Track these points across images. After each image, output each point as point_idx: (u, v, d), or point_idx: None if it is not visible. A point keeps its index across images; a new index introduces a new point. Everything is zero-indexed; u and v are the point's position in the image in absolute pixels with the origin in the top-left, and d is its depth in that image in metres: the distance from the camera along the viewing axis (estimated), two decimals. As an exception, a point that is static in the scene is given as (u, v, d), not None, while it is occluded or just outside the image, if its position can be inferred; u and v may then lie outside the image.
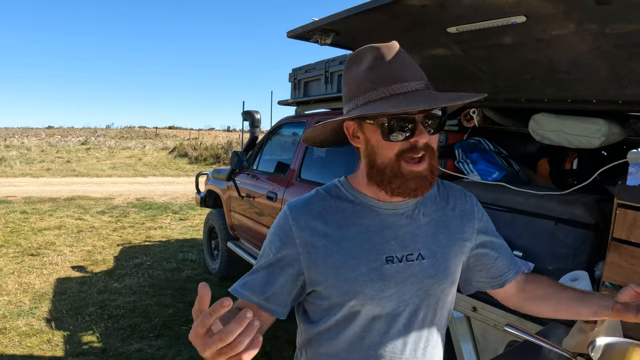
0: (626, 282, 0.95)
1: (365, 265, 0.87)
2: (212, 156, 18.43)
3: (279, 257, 0.88)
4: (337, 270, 0.86)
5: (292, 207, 0.91)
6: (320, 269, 0.87)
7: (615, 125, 1.79)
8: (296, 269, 0.88)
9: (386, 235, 0.89)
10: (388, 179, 0.83)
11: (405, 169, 0.81)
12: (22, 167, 15.66)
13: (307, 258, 0.87)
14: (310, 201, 0.92)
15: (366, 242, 0.88)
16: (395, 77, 0.81)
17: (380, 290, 0.87)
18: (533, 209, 1.89)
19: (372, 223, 0.89)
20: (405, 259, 0.89)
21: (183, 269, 5.04)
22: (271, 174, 3.87)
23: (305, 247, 0.87)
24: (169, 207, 8.80)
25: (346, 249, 0.87)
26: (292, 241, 0.87)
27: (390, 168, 0.82)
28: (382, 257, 0.88)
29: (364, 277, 0.86)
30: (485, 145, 2.44)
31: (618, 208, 1.53)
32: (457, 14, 1.41)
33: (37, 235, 6.36)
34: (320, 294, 0.90)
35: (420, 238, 0.91)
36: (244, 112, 4.53)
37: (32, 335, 3.38)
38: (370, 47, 0.85)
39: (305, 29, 1.82)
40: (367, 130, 0.85)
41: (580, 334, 1.33)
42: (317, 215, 0.89)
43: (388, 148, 0.82)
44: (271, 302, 0.88)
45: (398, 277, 0.88)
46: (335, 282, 0.87)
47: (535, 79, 1.73)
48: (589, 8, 1.21)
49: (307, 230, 0.87)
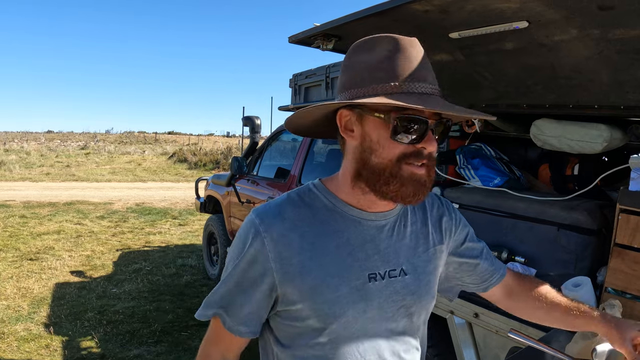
0: (626, 289, 0.95)
1: (346, 285, 0.78)
2: (212, 162, 18.44)
3: (251, 274, 0.79)
4: (316, 290, 0.77)
5: (263, 216, 0.80)
6: (296, 288, 0.77)
7: (617, 131, 1.79)
8: (269, 284, 0.78)
9: (368, 249, 0.81)
10: (385, 180, 0.75)
11: (407, 171, 0.74)
12: (21, 171, 15.65)
13: (281, 275, 0.77)
14: (283, 209, 0.81)
15: (347, 257, 0.79)
16: (416, 75, 0.73)
17: (363, 312, 0.79)
18: (535, 215, 1.88)
19: (354, 235, 0.81)
20: (387, 275, 0.82)
21: (182, 274, 5.02)
22: (271, 179, 3.87)
23: (279, 262, 0.77)
24: (169, 212, 8.79)
25: (325, 266, 0.78)
26: (264, 256, 0.77)
27: (389, 169, 0.75)
28: (365, 274, 0.80)
29: (346, 298, 0.78)
30: (487, 151, 2.44)
31: (620, 213, 1.53)
32: (460, 20, 1.42)
33: (36, 240, 6.34)
34: (293, 315, 0.80)
35: (402, 252, 0.85)
36: (244, 117, 4.53)
37: (31, 340, 3.36)
38: (389, 37, 0.76)
39: (307, 34, 1.83)
40: (369, 124, 0.76)
41: (583, 340, 1.33)
42: (292, 227, 0.78)
43: (391, 148, 0.74)
44: (248, 325, 0.81)
45: (381, 296, 0.81)
46: (312, 304, 0.77)
47: (537, 84, 1.74)
48: (591, 13, 1.21)
49: (281, 244, 0.77)
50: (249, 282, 0.79)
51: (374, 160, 0.76)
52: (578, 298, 1.59)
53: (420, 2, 1.28)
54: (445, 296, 1.05)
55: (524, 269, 1.82)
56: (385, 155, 0.75)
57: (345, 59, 0.81)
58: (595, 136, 1.79)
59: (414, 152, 0.74)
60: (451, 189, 2.29)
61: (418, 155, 0.75)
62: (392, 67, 0.74)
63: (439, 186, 2.39)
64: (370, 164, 0.76)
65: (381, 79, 0.73)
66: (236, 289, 0.80)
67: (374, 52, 0.76)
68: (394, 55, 0.74)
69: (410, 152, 0.74)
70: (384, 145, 0.75)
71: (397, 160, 0.74)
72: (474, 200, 2.16)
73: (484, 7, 1.27)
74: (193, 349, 3.30)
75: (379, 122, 0.75)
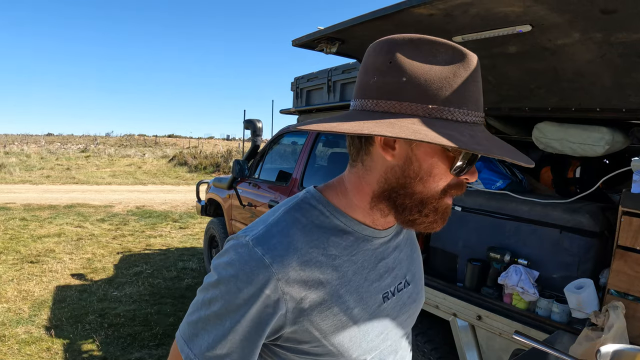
0: (629, 290, 0.93)
1: (367, 312, 0.72)
2: (212, 165, 18.45)
3: (254, 319, 0.65)
4: (338, 328, 0.69)
5: (273, 251, 0.65)
6: (313, 328, 0.68)
7: (619, 134, 1.80)
8: (275, 328, 0.68)
9: (380, 269, 0.75)
10: (426, 212, 0.67)
11: (445, 204, 0.67)
12: (21, 174, 15.64)
13: (295, 317, 0.66)
14: (292, 237, 0.67)
15: (364, 282, 0.72)
16: (477, 102, 0.63)
17: (380, 334, 0.74)
18: (537, 217, 1.89)
19: (366, 257, 0.73)
20: (396, 290, 0.78)
21: (183, 277, 5.02)
22: (273, 182, 3.87)
23: (294, 304, 0.66)
24: (169, 215, 8.78)
25: (345, 300, 0.69)
26: (276, 299, 0.65)
27: (435, 202, 0.66)
28: (379, 296, 0.74)
29: (367, 326, 0.72)
30: (488, 154, 2.45)
31: (623, 215, 1.53)
32: (464, 23, 1.43)
33: (37, 243, 6.33)
34: (303, 350, 0.70)
35: (405, 263, 0.81)
36: (246, 120, 4.54)
37: (32, 343, 3.36)
38: (453, 47, 0.62)
39: (311, 37, 1.84)
40: (421, 149, 0.64)
41: (587, 342, 1.33)
42: (306, 259, 0.66)
43: (442, 179, 0.65)
44: None
45: (393, 313, 0.77)
46: (332, 340, 0.69)
47: (539, 87, 1.75)
48: (594, 17, 1.22)
49: (298, 284, 0.65)
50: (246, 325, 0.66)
51: (418, 189, 0.65)
52: (581, 300, 1.60)
53: (424, 5, 1.29)
54: None
55: (527, 272, 1.82)
56: (434, 187, 0.65)
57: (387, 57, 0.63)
58: (597, 139, 1.80)
59: (458, 184, 0.67)
60: (453, 192, 2.30)
61: (460, 187, 0.67)
62: (464, 90, 0.61)
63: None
64: (413, 192, 0.66)
65: (451, 102, 0.60)
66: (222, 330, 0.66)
67: (439, 62, 0.61)
68: (465, 75, 0.61)
69: (454, 183, 0.66)
70: (436, 175, 0.65)
71: (442, 192, 0.66)
72: (476, 203, 2.16)
73: (488, 10, 1.28)
74: (194, 351, 3.30)
75: (439, 151, 0.64)
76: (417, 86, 0.60)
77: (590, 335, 1.33)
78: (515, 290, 1.82)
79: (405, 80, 0.60)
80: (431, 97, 0.60)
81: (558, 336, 1.60)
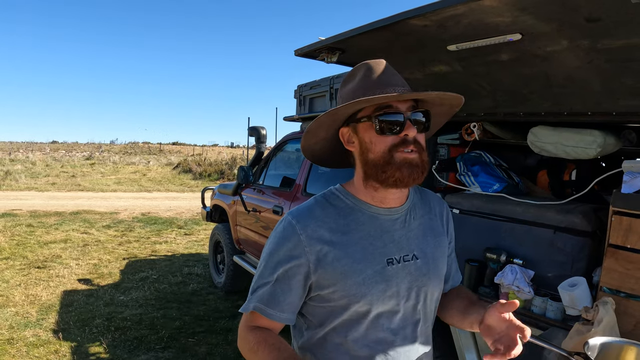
0: (620, 287, 0.98)
1: (370, 269, 0.93)
2: (216, 172, 18.56)
3: (290, 267, 0.93)
4: (345, 275, 0.92)
5: (298, 216, 0.96)
6: (328, 274, 0.92)
7: (611, 136, 1.86)
8: (304, 274, 0.93)
9: (385, 239, 0.96)
10: (382, 168, 0.90)
11: (398, 157, 0.89)
12: (27, 181, 15.80)
13: (316, 265, 0.92)
14: (313, 209, 0.97)
15: (369, 246, 0.95)
16: (384, 82, 0.92)
17: (384, 291, 0.94)
18: (532, 218, 1.95)
19: (373, 228, 0.96)
20: (402, 260, 0.97)
21: (189, 282, 5.08)
22: (277, 188, 3.94)
23: (314, 254, 0.92)
24: (174, 222, 8.86)
25: (352, 255, 0.93)
26: (301, 250, 0.92)
27: (383, 159, 0.90)
28: (384, 259, 0.95)
29: (370, 279, 0.92)
30: (486, 158, 2.51)
31: (613, 215, 1.59)
32: (457, 33, 1.50)
33: (43, 248, 6.42)
34: (324, 297, 0.95)
35: (413, 240, 1.00)
36: (250, 127, 4.62)
37: (40, 345, 3.42)
38: (362, 64, 0.97)
39: (312, 47, 1.91)
40: (361, 130, 0.93)
41: (578, 336, 1.39)
42: (322, 224, 0.94)
43: (381, 142, 0.91)
44: (286, 312, 0.95)
45: (398, 277, 0.95)
46: (343, 286, 0.92)
47: (532, 93, 1.81)
48: (579, 25, 1.29)
49: (314, 239, 0.92)
50: (289, 274, 0.93)
51: (371, 157, 0.92)
52: (574, 297, 1.65)
53: (418, 17, 1.36)
54: None
55: (523, 271, 1.88)
56: (378, 150, 0.91)
57: (338, 91, 1.01)
58: (589, 142, 1.85)
59: (401, 141, 0.90)
60: (452, 195, 2.36)
61: (405, 143, 0.90)
62: (367, 84, 0.93)
63: (440, 193, 2.46)
64: (369, 160, 0.93)
65: (360, 95, 0.91)
66: (277, 282, 0.94)
67: (354, 78, 0.96)
68: (367, 75, 0.94)
69: (397, 142, 0.90)
70: (375, 142, 0.92)
71: (388, 151, 0.90)
72: (474, 205, 2.22)
73: (479, 21, 1.35)
74: (200, 355, 3.35)
75: (367, 125, 0.92)
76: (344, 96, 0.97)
77: (581, 329, 1.38)
78: (511, 289, 1.87)
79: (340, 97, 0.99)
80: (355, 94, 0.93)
81: (552, 333, 1.65)
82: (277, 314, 0.94)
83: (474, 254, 2.13)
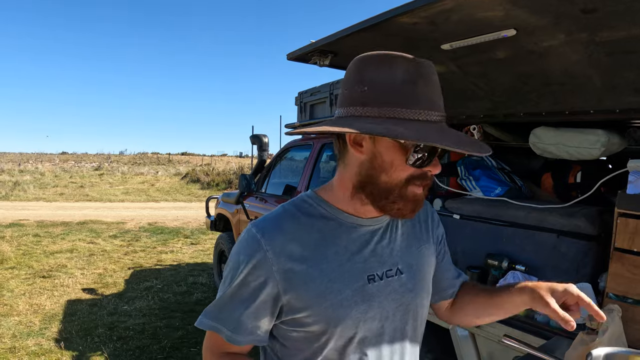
0: (627, 294, 0.92)
1: (348, 288, 0.81)
2: (224, 181, 18.59)
3: (255, 287, 0.80)
4: (320, 296, 0.80)
5: (264, 228, 0.82)
6: (301, 296, 0.80)
7: (615, 135, 1.79)
8: (273, 295, 0.80)
9: (365, 253, 0.85)
10: (393, 199, 0.78)
11: (411, 191, 0.78)
12: (35, 191, 15.94)
13: (285, 285, 0.79)
14: (281, 221, 0.83)
15: (347, 262, 0.82)
16: (431, 102, 0.74)
17: (365, 312, 0.82)
18: (535, 223, 1.88)
19: (351, 241, 0.84)
20: (385, 276, 0.85)
21: (193, 292, 5.04)
22: (279, 196, 3.90)
23: (283, 274, 0.79)
24: (181, 231, 8.85)
25: (327, 273, 0.80)
26: (268, 269, 0.79)
27: (398, 190, 0.78)
28: (364, 276, 0.83)
29: (349, 300, 0.81)
30: (488, 162, 2.44)
31: (619, 217, 1.52)
32: (448, 31, 1.45)
33: (49, 258, 6.43)
34: (300, 322, 0.82)
35: (396, 252, 0.89)
36: (252, 136, 4.60)
37: (41, 354, 3.40)
38: (408, 58, 0.76)
39: (304, 50, 1.87)
40: (382, 144, 0.77)
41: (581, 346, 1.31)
42: (291, 238, 0.81)
43: (402, 170, 0.77)
44: (247, 335, 0.83)
45: (380, 296, 0.84)
46: (318, 310, 0.80)
47: (531, 92, 1.76)
48: (576, 17, 1.23)
49: (283, 256, 0.79)
50: (249, 293, 0.80)
51: (383, 179, 0.78)
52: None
53: (407, 14, 1.31)
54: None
55: (525, 278, 1.80)
56: (396, 177, 0.77)
57: (355, 72, 0.78)
58: (593, 142, 1.79)
59: (421, 175, 0.78)
60: (452, 200, 2.30)
61: (424, 178, 0.78)
62: (412, 92, 0.73)
63: (441, 197, 2.40)
64: (379, 181, 0.78)
65: (397, 103, 0.73)
66: (236, 301, 0.82)
67: (393, 72, 0.74)
68: (416, 80, 0.73)
69: (417, 174, 0.78)
70: (396, 167, 0.77)
71: (405, 181, 0.77)
72: (475, 210, 2.16)
73: (470, 16, 1.30)
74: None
75: (395, 145, 0.76)
76: (374, 94, 0.74)
77: (585, 339, 1.30)
78: (513, 296, 1.80)
79: (366, 90, 0.75)
80: (384, 101, 0.73)
81: (556, 342, 1.57)
82: (234, 337, 0.82)
83: (475, 260, 2.06)
